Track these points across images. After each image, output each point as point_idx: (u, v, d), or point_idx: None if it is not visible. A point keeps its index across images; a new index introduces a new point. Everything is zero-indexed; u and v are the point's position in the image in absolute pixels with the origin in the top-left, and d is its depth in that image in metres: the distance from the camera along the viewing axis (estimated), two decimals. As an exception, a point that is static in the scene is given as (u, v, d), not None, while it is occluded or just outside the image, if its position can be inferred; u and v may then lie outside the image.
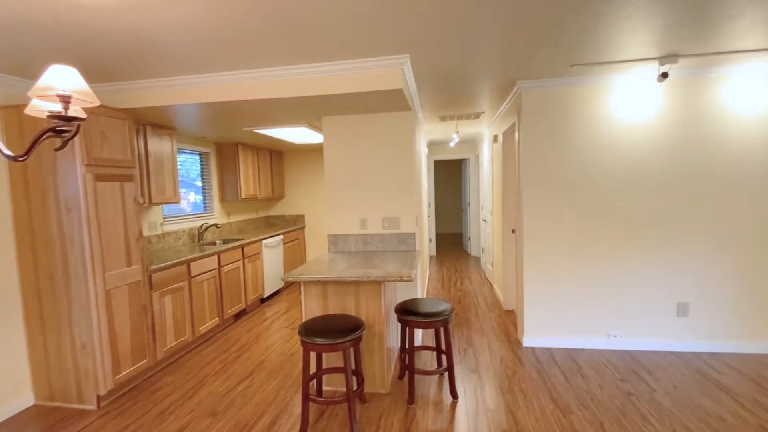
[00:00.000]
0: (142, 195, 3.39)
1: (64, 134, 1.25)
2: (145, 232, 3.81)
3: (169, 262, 3.23)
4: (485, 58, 2.52)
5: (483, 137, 6.11)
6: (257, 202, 6.18)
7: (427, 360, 3.20)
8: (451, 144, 7.07)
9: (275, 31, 1.98)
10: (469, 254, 7.78)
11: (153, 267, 3.05)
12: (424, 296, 4.47)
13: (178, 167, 4.25)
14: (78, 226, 2.51)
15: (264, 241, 4.93)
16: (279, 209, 6.56)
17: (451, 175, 11.05)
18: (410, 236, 3.30)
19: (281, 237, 5.45)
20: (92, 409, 2.63)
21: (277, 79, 2.61)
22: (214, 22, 1.87)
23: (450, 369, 2.59)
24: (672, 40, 2.28)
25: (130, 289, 2.83)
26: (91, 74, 2.63)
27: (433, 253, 7.84)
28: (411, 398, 2.53)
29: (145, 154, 3.39)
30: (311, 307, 2.70)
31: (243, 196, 5.09)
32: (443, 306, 2.63)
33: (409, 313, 2.54)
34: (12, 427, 2.45)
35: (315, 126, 3.94)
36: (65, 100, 1.11)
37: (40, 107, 1.28)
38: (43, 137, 1.15)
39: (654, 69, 2.87)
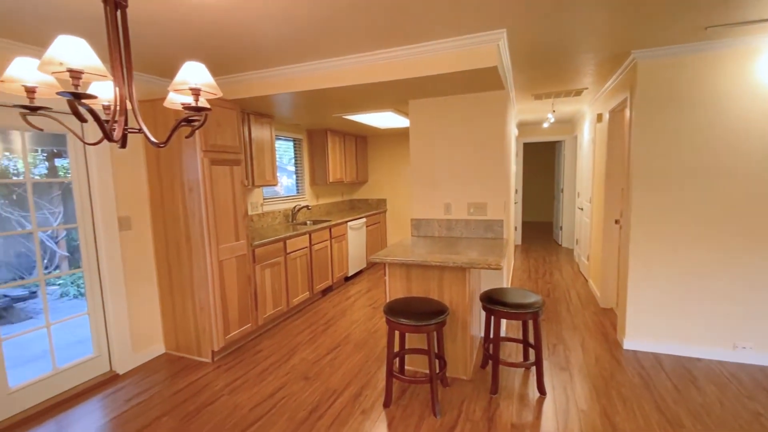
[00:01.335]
0: (247, 178, 3.76)
1: (193, 123, 1.43)
2: (248, 212, 4.24)
3: (269, 239, 3.56)
4: (594, 26, 2.25)
5: (583, 116, 5.54)
6: (343, 185, 6.46)
7: (511, 352, 3.08)
8: (545, 125, 6.55)
9: (374, 15, 2.00)
10: (560, 245, 7.23)
11: (256, 243, 3.39)
12: (509, 286, 4.29)
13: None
14: (198, 205, 2.88)
15: (349, 223, 5.16)
16: (362, 193, 6.78)
17: (541, 159, 10.28)
18: (497, 223, 3.16)
19: (364, 220, 5.64)
20: (208, 362, 3.06)
21: (369, 64, 2.65)
22: (316, 11, 1.95)
23: (538, 363, 2.47)
24: None
25: (237, 261, 3.19)
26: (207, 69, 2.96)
27: (519, 242, 7.45)
28: (494, 388, 2.47)
29: (249, 140, 3.75)
30: (395, 288, 2.76)
31: (330, 180, 5.36)
32: (533, 298, 2.49)
33: (495, 302, 2.46)
34: (150, 369, 2.97)
35: (401, 110, 3.94)
36: (196, 92, 1.26)
37: (175, 100, 1.48)
38: (179, 126, 1.32)
39: (824, 24, 2.29)
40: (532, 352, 3.00)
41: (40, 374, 2.52)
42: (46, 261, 2.99)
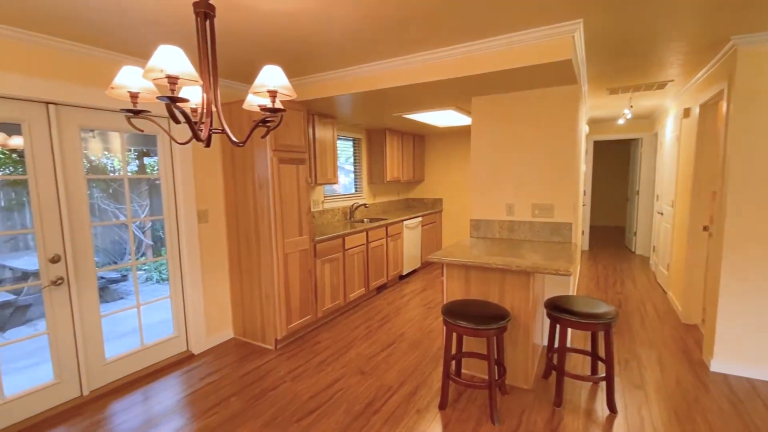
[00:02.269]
0: (310, 176, 3.92)
1: (268, 124, 1.51)
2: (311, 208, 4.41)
3: (329, 235, 3.68)
4: (687, 11, 2.03)
5: (666, 111, 5.03)
6: (399, 184, 6.48)
7: (576, 364, 2.89)
8: (620, 121, 6.04)
9: (447, 12, 1.98)
10: (633, 252, 6.64)
11: (317, 238, 3.52)
12: (574, 294, 4.03)
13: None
14: (267, 201, 3.06)
15: (405, 222, 5.17)
16: (418, 192, 6.76)
17: (613, 158, 9.51)
18: (565, 226, 2.98)
19: (420, 219, 5.62)
20: (271, 349, 3.24)
21: (434, 61, 2.62)
22: (383, 11, 1.97)
23: (609, 379, 2.29)
24: None
25: (300, 255, 3.34)
26: (277, 73, 3.11)
27: (586, 247, 6.96)
28: (558, 400, 2.33)
29: (313, 140, 3.90)
30: (453, 290, 2.71)
31: (387, 179, 5.41)
32: (604, 308, 2.31)
33: (562, 310, 2.32)
34: (220, 352, 3.21)
35: (463, 108, 3.86)
36: (273, 94, 1.33)
37: (253, 102, 1.58)
38: (257, 126, 1.41)
39: None
40: (601, 366, 2.79)
41: (130, 349, 2.83)
42: (134, 248, 3.38)
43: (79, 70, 2.39)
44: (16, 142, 3.55)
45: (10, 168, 4.15)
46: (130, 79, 1.37)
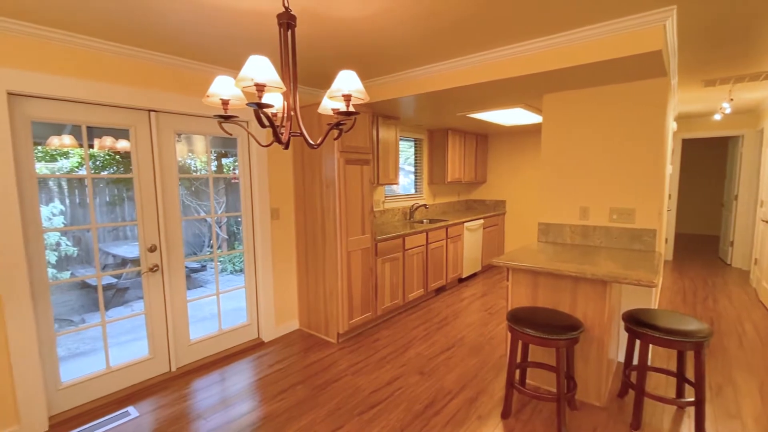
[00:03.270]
0: (373, 176, 4.00)
1: (341, 126, 1.57)
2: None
3: (390, 235, 3.72)
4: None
5: (773, 105, 4.38)
6: (459, 185, 6.37)
7: (658, 384, 2.63)
8: (716, 117, 5.37)
9: (522, 5, 1.92)
10: (728, 264, 5.87)
11: (378, 237, 3.58)
12: (656, 308, 3.66)
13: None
14: (333, 200, 3.18)
15: (465, 224, 5.06)
16: (479, 194, 6.58)
17: (705, 158, 8.49)
18: (649, 233, 2.72)
19: (481, 221, 5.47)
20: (333, 342, 3.36)
21: (504, 58, 2.54)
22: (459, 8, 1.96)
23: (699, 404, 2.05)
24: None
25: (362, 253, 3.42)
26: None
27: (669, 257, 6.29)
28: (636, 423, 2.14)
29: (376, 141, 3.97)
30: (518, 296, 2.61)
31: (448, 180, 5.34)
32: (695, 325, 2.08)
33: (644, 324, 2.13)
34: (287, 342, 3.40)
35: (532, 106, 3.70)
36: (347, 98, 1.39)
37: (327, 106, 1.65)
38: (331, 129, 1.48)
39: None
40: (688, 389, 2.51)
41: (209, 333, 3.11)
42: (212, 241, 3.72)
43: (175, 80, 2.68)
44: (122, 144, 4.06)
45: (114, 168, 4.77)
46: (222, 87, 1.50)
